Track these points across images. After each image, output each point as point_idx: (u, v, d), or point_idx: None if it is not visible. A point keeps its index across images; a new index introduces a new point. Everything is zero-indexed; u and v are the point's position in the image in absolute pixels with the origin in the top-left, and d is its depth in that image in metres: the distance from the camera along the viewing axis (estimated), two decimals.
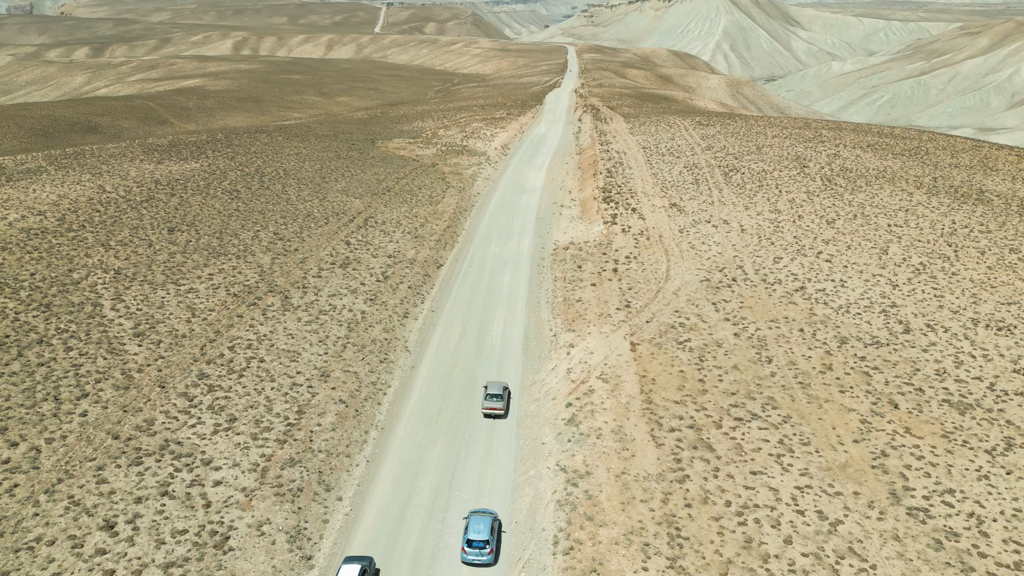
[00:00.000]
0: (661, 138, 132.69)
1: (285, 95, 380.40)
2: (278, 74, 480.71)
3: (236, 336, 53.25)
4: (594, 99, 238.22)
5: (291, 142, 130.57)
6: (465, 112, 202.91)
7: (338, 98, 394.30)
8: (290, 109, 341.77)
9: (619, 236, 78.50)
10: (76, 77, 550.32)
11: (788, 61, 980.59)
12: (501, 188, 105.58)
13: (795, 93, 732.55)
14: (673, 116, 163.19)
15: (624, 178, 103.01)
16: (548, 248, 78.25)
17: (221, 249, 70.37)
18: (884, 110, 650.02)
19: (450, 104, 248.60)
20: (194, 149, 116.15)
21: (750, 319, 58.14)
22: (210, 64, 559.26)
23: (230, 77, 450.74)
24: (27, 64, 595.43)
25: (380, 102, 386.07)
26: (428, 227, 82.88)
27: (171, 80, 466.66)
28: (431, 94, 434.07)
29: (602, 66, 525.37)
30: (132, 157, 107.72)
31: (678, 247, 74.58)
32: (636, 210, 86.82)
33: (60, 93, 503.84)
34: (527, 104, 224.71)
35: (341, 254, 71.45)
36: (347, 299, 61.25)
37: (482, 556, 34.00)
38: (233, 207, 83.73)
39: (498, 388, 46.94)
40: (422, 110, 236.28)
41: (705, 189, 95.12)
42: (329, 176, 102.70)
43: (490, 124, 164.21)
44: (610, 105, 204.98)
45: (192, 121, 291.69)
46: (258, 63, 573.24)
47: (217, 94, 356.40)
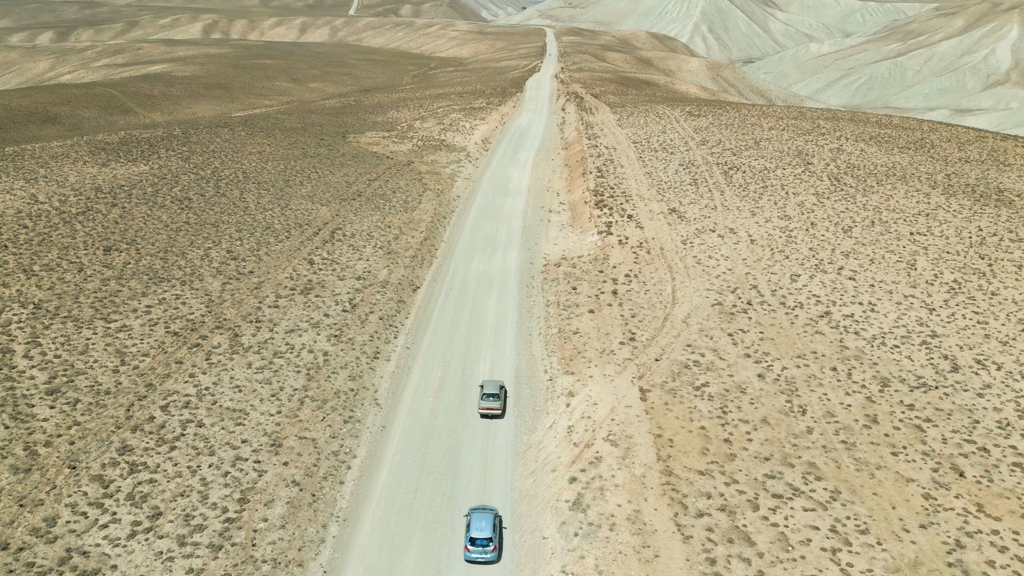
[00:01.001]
0: (652, 131, 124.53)
1: (256, 81, 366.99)
2: (249, 59, 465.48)
3: (172, 391, 44.60)
4: (576, 85, 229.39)
5: (254, 138, 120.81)
6: (443, 101, 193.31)
7: (311, 84, 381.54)
8: (260, 96, 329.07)
9: (616, 249, 70.44)
10: (39, 63, 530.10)
11: (766, 43, 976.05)
12: (483, 190, 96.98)
13: (773, 75, 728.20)
14: (662, 106, 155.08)
15: (616, 178, 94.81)
16: (538, 264, 70.02)
17: (164, 272, 61.35)
18: (862, 92, 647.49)
19: (427, 91, 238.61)
20: (146, 148, 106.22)
21: (773, 354, 50.49)
22: (178, 48, 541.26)
23: (199, 62, 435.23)
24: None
25: (354, 88, 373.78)
26: (403, 240, 74.24)
27: (137, 65, 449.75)
28: (407, 79, 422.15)
29: (581, 49, 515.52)
30: (76, 158, 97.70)
31: (683, 262, 66.71)
32: (633, 217, 78.75)
33: (22, 80, 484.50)
34: (507, 91, 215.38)
35: (303, 277, 62.71)
36: (307, 336, 52.67)
37: (486, 554, 33.53)
38: (182, 219, 74.48)
39: (494, 387, 45.59)
40: (397, 98, 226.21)
41: (705, 191, 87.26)
42: (293, 179, 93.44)
43: (469, 115, 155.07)
44: (593, 92, 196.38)
45: (157, 110, 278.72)
46: (228, 47, 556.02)
47: (184, 80, 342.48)
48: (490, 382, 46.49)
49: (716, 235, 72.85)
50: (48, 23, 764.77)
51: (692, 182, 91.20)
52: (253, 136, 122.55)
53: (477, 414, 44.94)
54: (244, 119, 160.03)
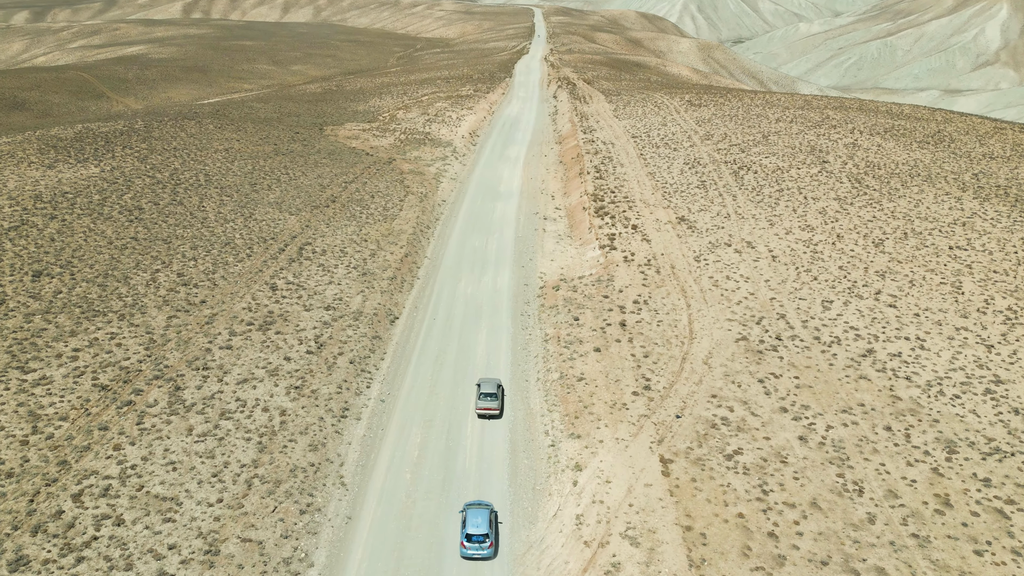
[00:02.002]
0: (651, 123, 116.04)
1: (235, 64, 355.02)
2: (229, 40, 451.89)
3: (90, 470, 36.34)
4: (567, 70, 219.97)
5: (223, 132, 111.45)
6: (428, 87, 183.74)
7: (293, 67, 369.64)
8: (240, 80, 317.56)
9: (621, 268, 62.36)
10: (13, 44, 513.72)
11: (755, 22, 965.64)
12: (471, 193, 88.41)
13: (763, 55, 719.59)
14: (659, 93, 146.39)
15: (617, 179, 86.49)
16: (533, 286, 61.82)
17: (100, 304, 52.78)
18: (851, 72, 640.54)
19: (411, 76, 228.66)
20: (102, 144, 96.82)
21: (814, 408, 42.76)
22: (157, 29, 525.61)
23: (177, 44, 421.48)
24: None
25: (338, 71, 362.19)
26: (381, 256, 65.80)
27: (114, 47, 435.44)
28: (392, 61, 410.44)
29: (570, 30, 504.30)
30: (22, 158, 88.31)
31: (698, 284, 58.74)
32: (638, 228, 70.60)
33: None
34: (496, 76, 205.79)
35: (263, 307, 54.26)
36: (263, 388, 44.39)
37: (482, 550, 33.12)
38: (130, 234, 65.70)
39: (492, 386, 44.34)
40: (381, 83, 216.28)
41: (716, 195, 79.15)
42: (261, 182, 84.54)
43: (456, 104, 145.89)
44: (586, 78, 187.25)
45: (131, 95, 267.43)
46: (208, 27, 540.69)
47: (161, 63, 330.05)
48: (487, 380, 45.10)
49: (732, 250, 64.87)
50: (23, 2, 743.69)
51: (700, 184, 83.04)
52: (222, 130, 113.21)
53: (466, 495, 36.94)
54: (216, 108, 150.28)
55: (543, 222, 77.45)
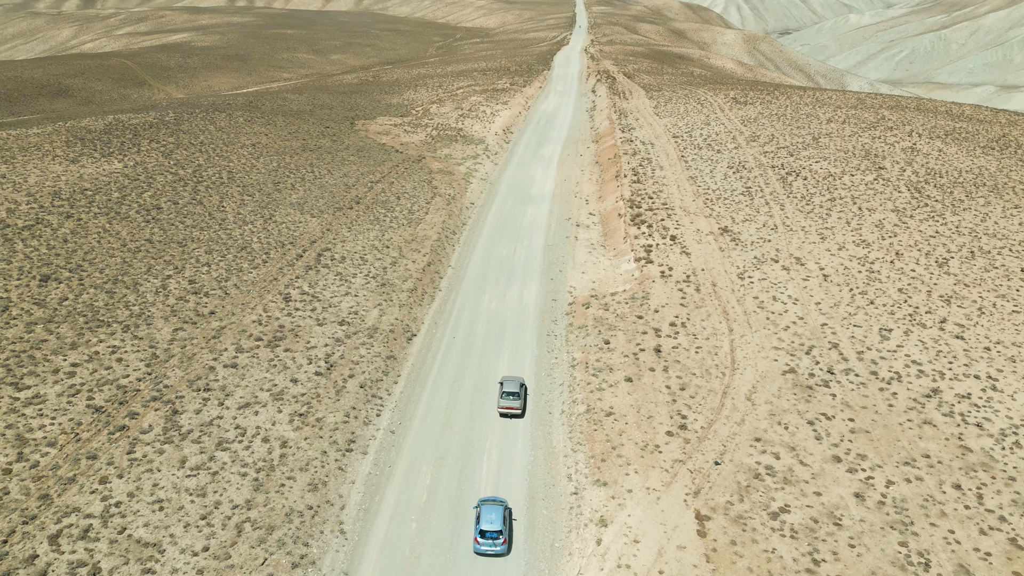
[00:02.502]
0: (693, 122, 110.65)
1: (276, 52, 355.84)
2: (271, 28, 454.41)
3: (71, 507, 33.52)
4: (608, 62, 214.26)
5: (252, 125, 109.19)
6: (464, 79, 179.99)
7: (332, 56, 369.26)
8: (279, 68, 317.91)
9: (658, 284, 57.95)
10: (63, 30, 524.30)
11: (803, 13, 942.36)
12: (501, 195, 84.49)
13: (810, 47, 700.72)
14: (703, 89, 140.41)
15: (655, 184, 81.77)
16: (562, 302, 57.76)
17: (106, 313, 50.23)
18: (903, 66, 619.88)
19: (448, 67, 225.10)
20: (130, 137, 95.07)
21: (872, 457, 38.14)
22: (201, 16, 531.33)
23: (220, 31, 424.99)
24: (13, 16, 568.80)
25: (376, 60, 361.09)
26: (402, 265, 62.35)
27: (159, 34, 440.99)
28: (431, 51, 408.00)
29: (612, 20, 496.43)
30: (48, 151, 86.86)
31: (741, 305, 54.12)
32: (677, 239, 66.00)
33: (45, 47, 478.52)
34: (533, 69, 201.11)
35: (274, 320, 51.19)
36: (265, 414, 41.24)
37: (496, 546, 33.17)
38: (145, 236, 63.26)
39: (515, 385, 43.82)
40: (418, 74, 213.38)
41: (762, 203, 74.04)
42: (285, 180, 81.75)
43: (491, 98, 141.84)
44: (626, 71, 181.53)
45: (173, 83, 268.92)
46: (252, 15, 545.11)
47: (203, 51, 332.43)
48: (510, 379, 44.41)
49: (780, 267, 59.96)
50: None
51: (745, 191, 77.92)
52: (251, 123, 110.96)
53: (471, 551, 33.30)
54: (249, 99, 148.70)
55: (575, 229, 73.24)
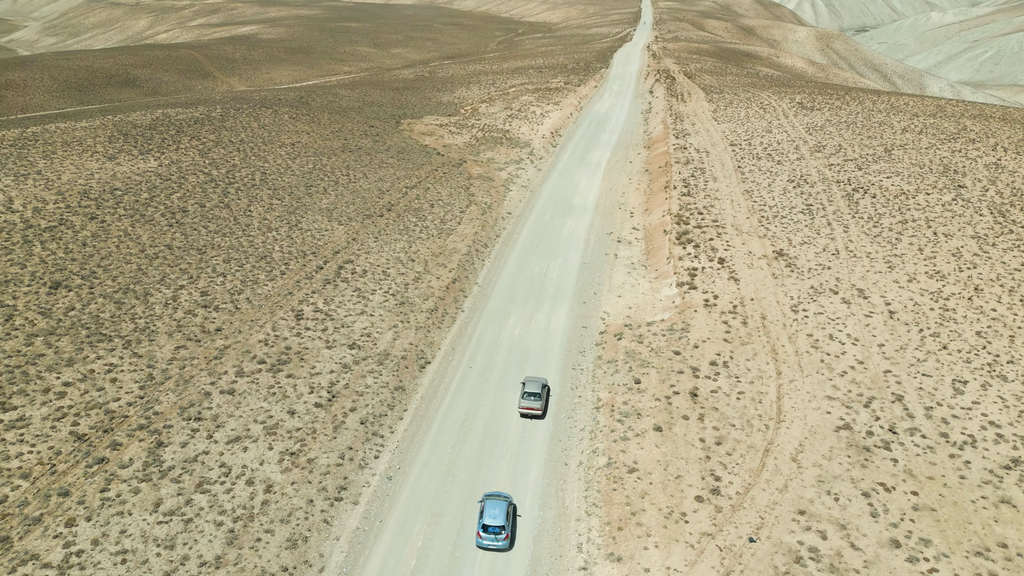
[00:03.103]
0: (754, 128, 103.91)
1: (338, 45, 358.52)
2: (335, 21, 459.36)
3: (30, 554, 30.77)
4: (669, 61, 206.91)
5: (296, 123, 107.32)
6: (519, 77, 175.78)
7: (393, 49, 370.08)
8: (340, 62, 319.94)
9: (700, 314, 52.70)
10: (140, 21, 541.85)
11: (881, 10, 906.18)
12: (541, 204, 79.99)
13: (888, 46, 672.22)
14: (767, 92, 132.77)
15: (707, 197, 76.03)
16: (593, 329, 53.06)
17: (111, 325, 47.93)
18: (987, 67, 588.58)
19: (505, 64, 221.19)
20: (173, 133, 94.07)
21: (937, 542, 32.53)
22: (271, 9, 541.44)
23: (286, 24, 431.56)
24: (95, 6, 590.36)
25: (436, 55, 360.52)
26: (425, 282, 58.61)
27: (229, 26, 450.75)
28: (492, 46, 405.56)
29: (678, 16, 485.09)
30: (89, 146, 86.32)
31: (792, 344, 48.52)
32: (725, 262, 60.46)
33: (122, 37, 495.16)
34: (591, 67, 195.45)
35: (281, 341, 48.06)
36: (255, 451, 38.00)
37: (498, 541, 33.41)
38: (165, 240, 61.14)
39: (536, 386, 43.44)
40: (473, 70, 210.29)
41: (823, 224, 67.69)
42: (318, 184, 79.06)
43: (543, 98, 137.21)
44: (687, 71, 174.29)
45: (236, 75, 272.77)
46: (319, 8, 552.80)
47: (268, 44, 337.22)
48: (533, 379, 44.10)
49: (840, 299, 53.93)
50: None
51: (805, 208, 71.58)
52: (296, 121, 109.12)
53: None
54: (300, 95, 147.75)
55: (616, 245, 68.24)
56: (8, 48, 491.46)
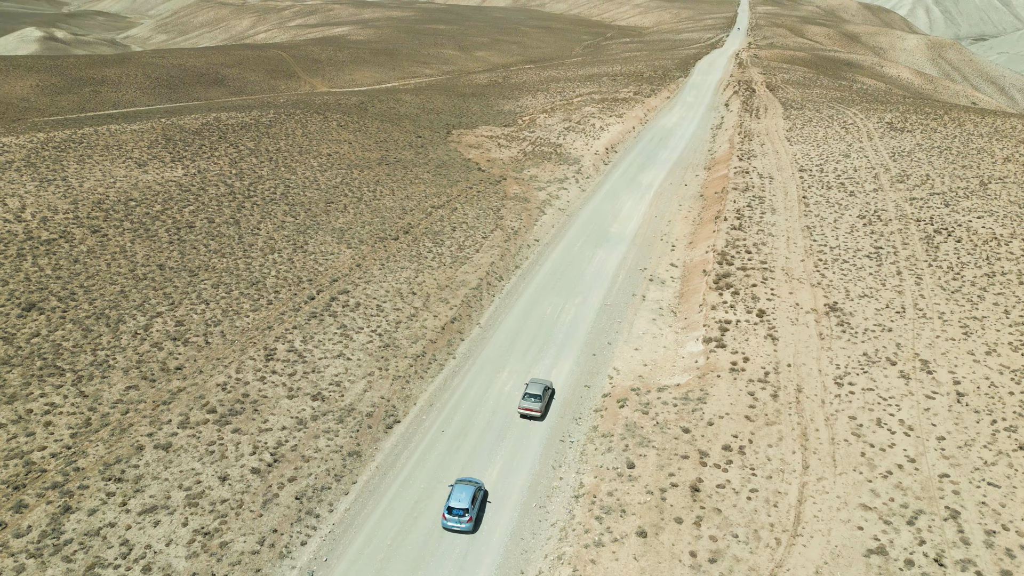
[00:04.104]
0: (830, 152, 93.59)
1: (423, 48, 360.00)
2: (425, 23, 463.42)
3: None
4: (755, 70, 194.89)
5: (342, 131, 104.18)
6: (590, 85, 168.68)
7: (477, 53, 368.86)
8: (423, 64, 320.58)
9: (724, 380, 44.98)
10: (243, 20, 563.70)
11: (1004, 18, 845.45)
12: (574, 231, 73.18)
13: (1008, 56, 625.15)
14: (854, 109, 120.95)
15: (760, 232, 67.45)
16: (596, 390, 46.13)
17: (69, 357, 44.58)
18: None
19: (581, 70, 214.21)
20: (215, 140, 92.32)
21: None
22: (365, 10, 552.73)
23: (377, 26, 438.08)
24: (204, 5, 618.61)
25: (519, 58, 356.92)
26: (420, 320, 53.04)
27: (324, 27, 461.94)
28: (577, 50, 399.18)
29: (777, 21, 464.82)
30: (127, 151, 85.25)
31: (829, 428, 40.30)
32: (766, 315, 52.21)
33: (226, 36, 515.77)
34: (669, 75, 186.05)
35: (241, 387, 43.46)
36: (166, 526, 33.24)
37: (461, 523, 34.18)
38: (160, 259, 57.96)
39: (538, 388, 43.74)
40: (547, 77, 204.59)
41: (891, 272, 58.21)
42: (339, 200, 74.92)
43: (607, 109, 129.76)
44: (771, 83, 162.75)
45: (319, 75, 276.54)
46: (412, 10, 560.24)
47: (354, 45, 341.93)
48: (536, 381, 44.36)
49: (897, 372, 45.04)
50: None
51: (873, 252, 62.10)
52: (342, 129, 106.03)
53: None
54: (363, 100, 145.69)
55: (646, 285, 60.77)
56: (122, 44, 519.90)
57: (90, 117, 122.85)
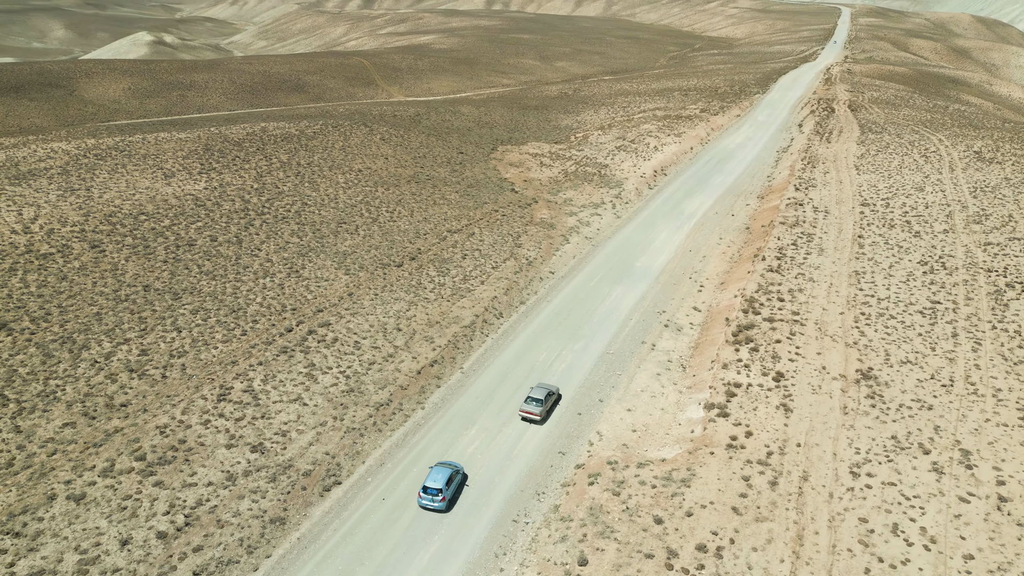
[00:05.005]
0: (902, 184, 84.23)
1: (504, 57, 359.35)
2: (509, 33, 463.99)
3: None
4: (842, 87, 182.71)
5: (384, 145, 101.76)
6: (658, 100, 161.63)
7: (557, 63, 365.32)
8: (501, 74, 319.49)
9: (717, 458, 38.71)
10: (338, 28, 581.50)
11: None
12: (595, 263, 67.50)
13: None
14: (940, 135, 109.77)
15: (800, 276, 60.07)
16: (571, 458, 40.63)
17: (20, 385, 42.75)
18: None
19: (654, 84, 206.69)
20: (253, 150, 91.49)
21: None
22: (454, 19, 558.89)
23: (462, 35, 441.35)
24: (304, 13, 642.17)
25: (600, 69, 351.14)
26: (394, 363, 48.82)
27: (413, 35, 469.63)
28: (662, 62, 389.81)
29: (879, 34, 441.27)
30: (161, 161, 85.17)
31: (831, 532, 33.58)
32: (783, 379, 45.36)
33: (321, 43, 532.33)
34: (746, 91, 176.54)
35: (180, 431, 40.32)
36: None
37: (434, 502, 35.60)
38: (147, 280, 56.07)
39: (541, 392, 44.00)
40: (619, 90, 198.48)
41: (946, 333, 50.08)
42: (353, 220, 71.89)
43: (666, 127, 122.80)
44: (855, 101, 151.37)
45: (397, 84, 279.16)
46: (499, 19, 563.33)
47: (436, 54, 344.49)
48: (541, 386, 44.90)
49: (929, 463, 37.64)
50: None
51: (929, 308, 53.89)
52: (385, 142, 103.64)
53: None
54: (419, 111, 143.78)
55: (660, 331, 54.60)
56: (225, 49, 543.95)
57: (144, 124, 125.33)
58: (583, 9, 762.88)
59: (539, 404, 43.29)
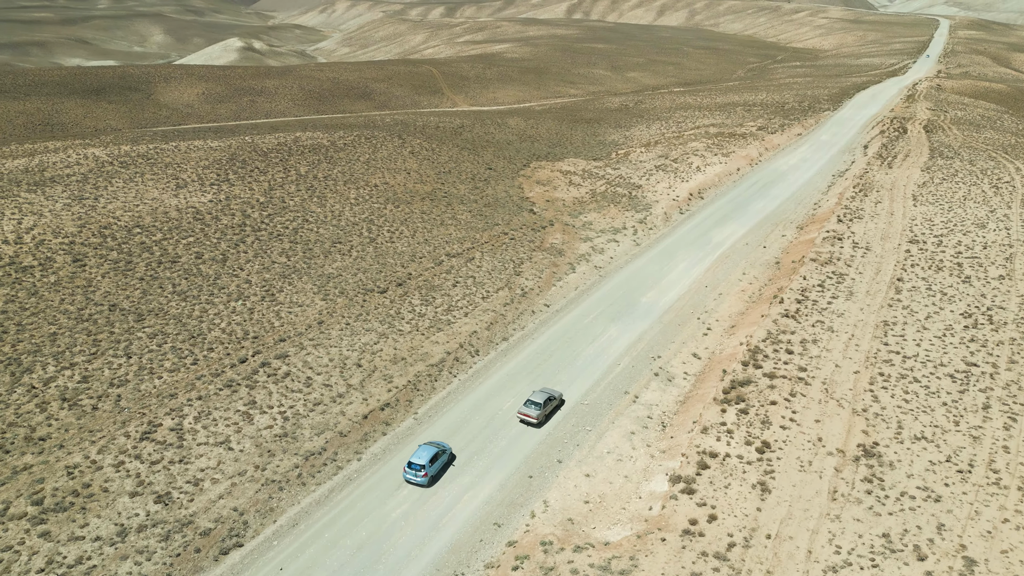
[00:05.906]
0: (961, 219, 75.28)
1: (574, 67, 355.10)
2: (584, 42, 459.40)
3: None
4: (924, 104, 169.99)
5: (409, 159, 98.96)
6: (717, 116, 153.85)
7: (629, 73, 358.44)
8: (569, 84, 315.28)
9: (668, 547, 33.14)
10: (417, 35, 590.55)
11: None
12: (597, 297, 62.09)
13: None
14: (1019, 163, 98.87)
15: (818, 324, 53.19)
16: (508, 531, 35.74)
17: None
18: None
19: (720, 98, 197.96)
20: (276, 161, 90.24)
21: None
22: (530, 28, 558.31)
23: (536, 44, 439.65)
24: (387, 21, 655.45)
25: (672, 80, 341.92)
26: (340, 405, 45.01)
27: (489, 43, 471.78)
28: (740, 73, 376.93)
29: (978, 48, 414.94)
30: (181, 170, 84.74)
31: None
32: (768, 450, 39.19)
33: (400, 50, 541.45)
34: (815, 107, 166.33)
35: (88, 473, 37.60)
36: None
37: (416, 477, 37.89)
38: (118, 298, 54.30)
39: (542, 396, 44.05)
40: (681, 103, 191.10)
41: (977, 403, 42.67)
42: (349, 239, 68.87)
43: (715, 146, 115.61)
44: (934, 121, 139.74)
45: (463, 92, 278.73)
46: (576, 28, 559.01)
47: (505, 63, 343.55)
48: (544, 391, 44.76)
49: (921, 574, 31.05)
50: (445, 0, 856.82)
51: (963, 371, 46.36)
52: (412, 156, 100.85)
53: None
54: (464, 123, 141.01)
55: (648, 382, 48.91)
56: (310, 55, 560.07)
57: (184, 130, 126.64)
58: (665, 19, 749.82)
59: (538, 407, 43.31)
